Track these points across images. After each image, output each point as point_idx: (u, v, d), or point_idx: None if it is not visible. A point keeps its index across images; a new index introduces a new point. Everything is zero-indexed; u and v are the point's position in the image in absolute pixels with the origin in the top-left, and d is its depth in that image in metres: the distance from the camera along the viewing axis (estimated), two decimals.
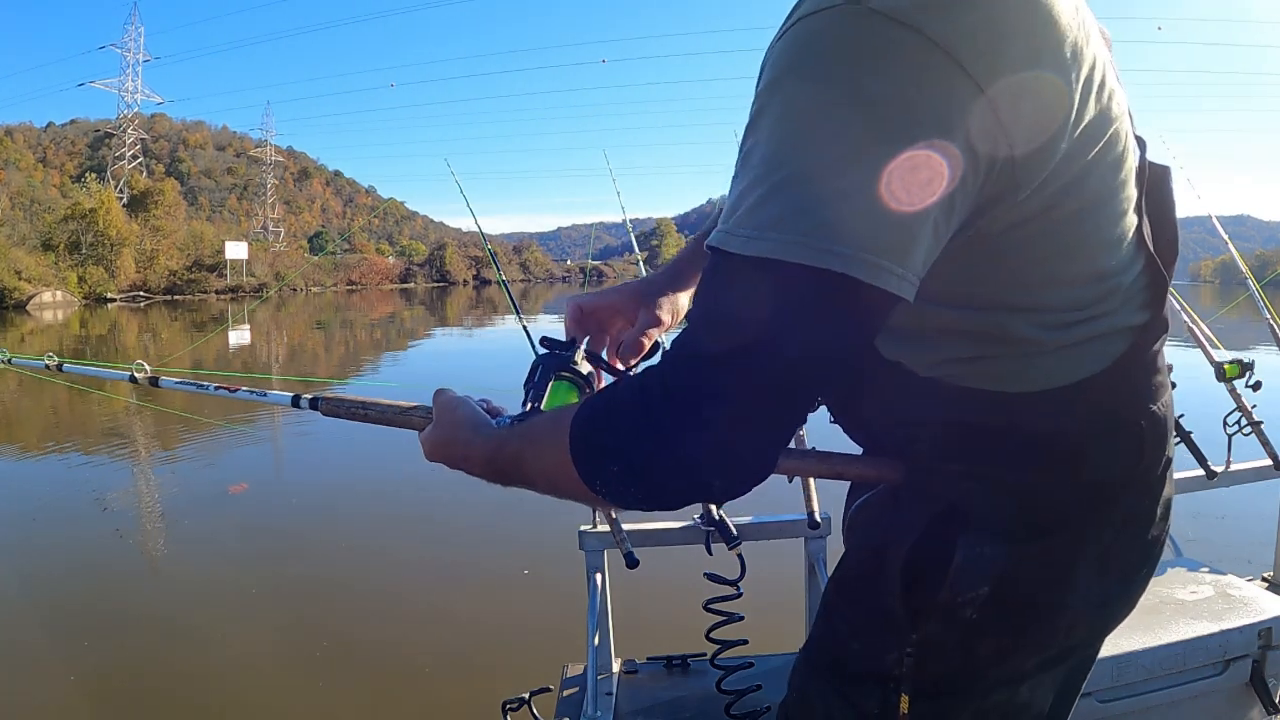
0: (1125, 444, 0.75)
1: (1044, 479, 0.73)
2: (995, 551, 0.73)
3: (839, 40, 0.58)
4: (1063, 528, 0.74)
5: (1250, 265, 2.85)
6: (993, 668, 0.76)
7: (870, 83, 0.56)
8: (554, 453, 0.69)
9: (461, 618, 3.78)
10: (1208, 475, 2.10)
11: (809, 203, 0.57)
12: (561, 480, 0.70)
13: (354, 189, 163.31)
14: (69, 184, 69.55)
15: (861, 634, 0.79)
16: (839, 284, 0.56)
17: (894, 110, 0.56)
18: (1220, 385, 2.18)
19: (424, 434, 0.88)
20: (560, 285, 78.62)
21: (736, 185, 0.62)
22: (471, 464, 0.81)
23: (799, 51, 0.59)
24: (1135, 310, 0.75)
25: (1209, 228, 2.89)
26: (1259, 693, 1.58)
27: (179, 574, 4.41)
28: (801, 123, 0.58)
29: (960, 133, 0.58)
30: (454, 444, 0.83)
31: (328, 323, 28.72)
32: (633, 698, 1.79)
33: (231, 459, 7.17)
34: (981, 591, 0.73)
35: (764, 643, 1.84)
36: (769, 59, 0.63)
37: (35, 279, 39.98)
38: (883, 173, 0.56)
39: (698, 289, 0.65)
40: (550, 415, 0.77)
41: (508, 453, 0.77)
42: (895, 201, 0.57)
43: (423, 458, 0.89)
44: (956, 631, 0.74)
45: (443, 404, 0.87)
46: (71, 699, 3.08)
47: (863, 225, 0.56)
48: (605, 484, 0.66)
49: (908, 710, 0.76)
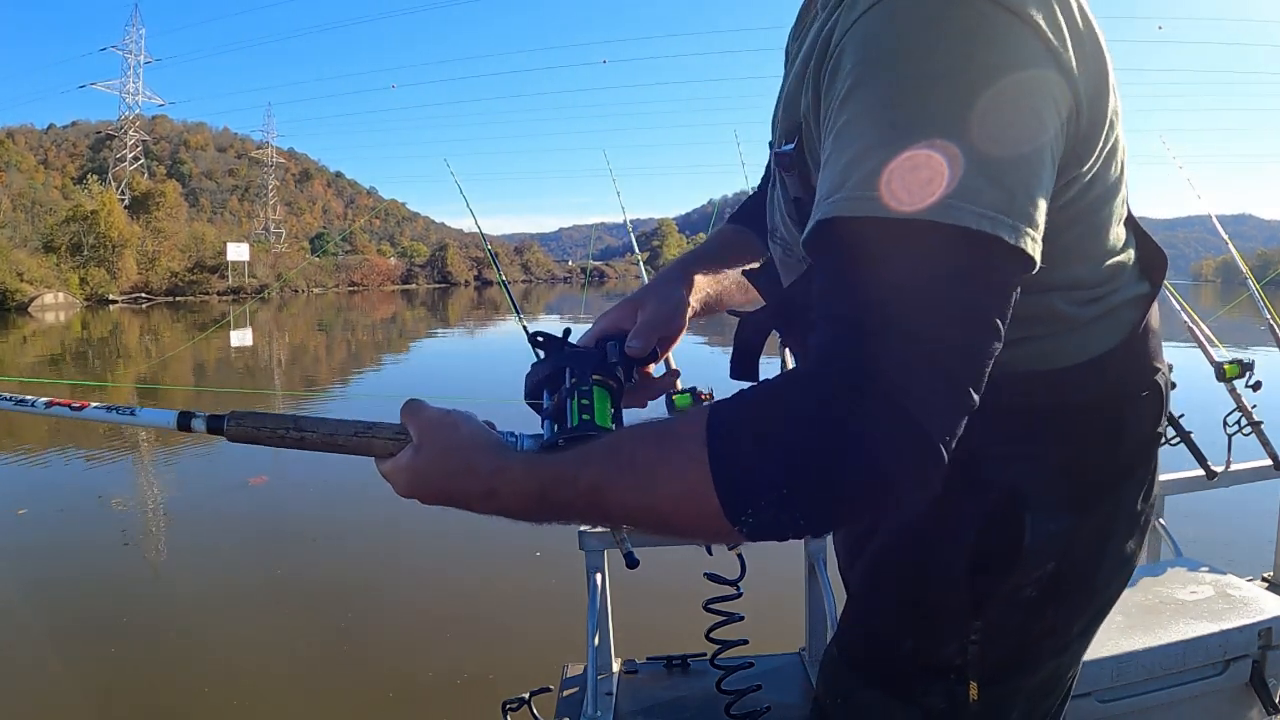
0: (1152, 403, 0.79)
1: (1090, 448, 0.76)
2: (1060, 526, 0.75)
3: (939, 15, 0.57)
4: (1109, 492, 0.78)
5: (1252, 264, 2.85)
6: (1046, 641, 0.79)
7: (979, 56, 0.57)
8: (676, 479, 0.58)
9: (462, 618, 3.78)
10: (1208, 475, 2.10)
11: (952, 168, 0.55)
12: (680, 513, 0.58)
13: (355, 190, 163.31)
14: (70, 186, 69.56)
15: (914, 632, 0.79)
16: (992, 246, 0.56)
17: (1006, 82, 0.57)
18: (1220, 385, 2.17)
19: (399, 462, 0.71)
20: (561, 286, 78.59)
21: (841, 154, 0.58)
22: (497, 500, 0.66)
23: (897, 27, 0.58)
24: (1138, 281, 0.79)
25: (1209, 227, 2.89)
26: (1259, 693, 1.57)
27: (179, 576, 4.42)
28: (919, 94, 0.57)
29: (1058, 108, 0.60)
30: (463, 474, 0.68)
31: (329, 324, 28.72)
32: (633, 698, 1.80)
33: (228, 460, 7.17)
34: (1048, 568, 0.75)
35: (764, 643, 1.84)
36: (850, 36, 0.61)
37: (37, 281, 39.98)
38: (1008, 142, 0.57)
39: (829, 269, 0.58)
40: (652, 433, 0.63)
41: (582, 483, 0.62)
42: (1021, 170, 0.57)
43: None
44: (1018, 612, 0.76)
45: (432, 422, 0.70)
46: (72, 700, 3.08)
47: (999, 192, 0.56)
48: (759, 512, 0.55)
49: (978, 696, 0.76)
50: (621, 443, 0.64)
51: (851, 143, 0.57)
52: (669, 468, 0.58)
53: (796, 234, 0.79)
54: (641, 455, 0.61)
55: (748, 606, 1.63)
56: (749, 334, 0.90)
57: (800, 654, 1.96)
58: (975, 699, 0.76)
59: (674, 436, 0.59)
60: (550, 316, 25.88)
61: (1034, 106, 0.58)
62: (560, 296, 49.67)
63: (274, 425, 0.75)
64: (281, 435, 0.75)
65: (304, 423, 0.75)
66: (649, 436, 0.62)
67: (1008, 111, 0.57)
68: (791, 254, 0.86)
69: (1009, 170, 0.56)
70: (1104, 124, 0.66)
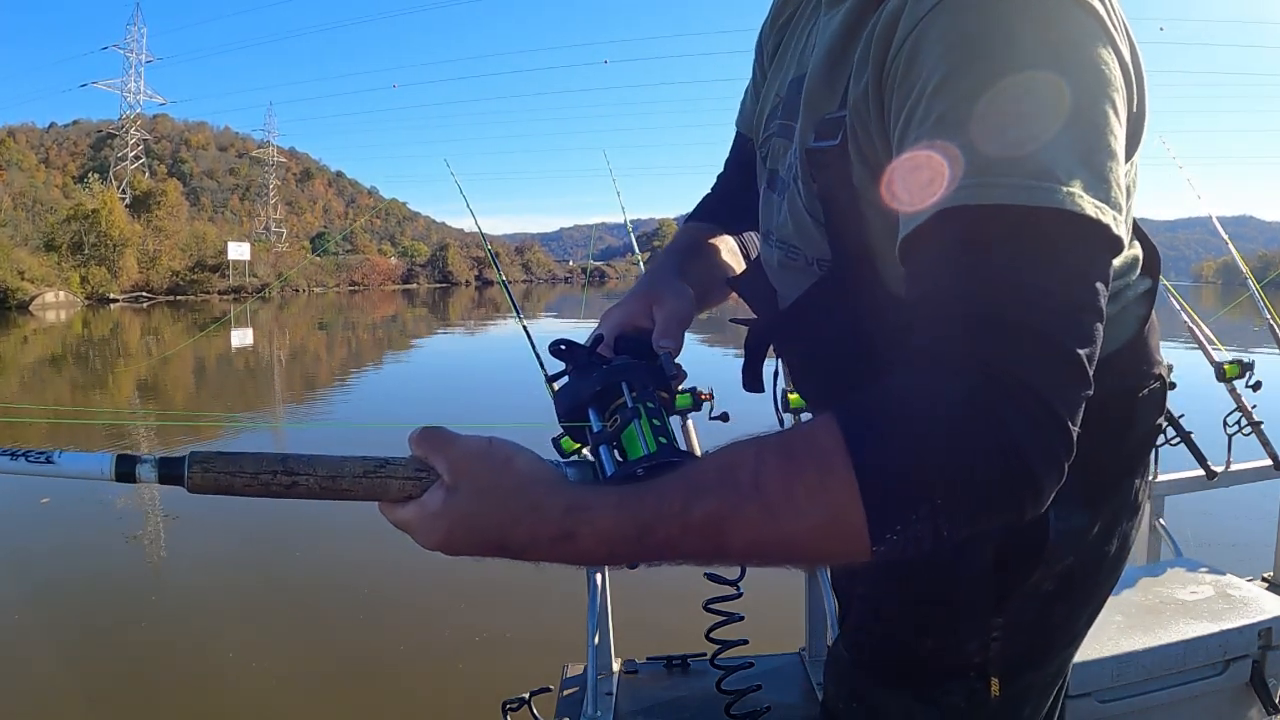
0: (1157, 396, 0.81)
1: (1106, 442, 0.76)
2: (1082, 521, 0.76)
3: (1028, 7, 0.58)
4: (1120, 485, 0.79)
5: (1253, 266, 2.84)
6: (1060, 633, 0.80)
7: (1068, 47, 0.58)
8: (817, 501, 0.52)
9: (462, 618, 3.78)
10: (1208, 475, 2.10)
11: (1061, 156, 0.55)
12: (819, 537, 0.53)
13: (356, 189, 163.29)
14: (71, 184, 69.59)
15: (933, 631, 0.79)
16: (1105, 237, 0.56)
17: (1091, 74, 0.59)
18: (1220, 385, 2.17)
19: (428, 508, 0.59)
20: (562, 285, 78.58)
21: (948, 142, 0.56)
22: (575, 543, 0.57)
23: (983, 16, 0.58)
24: (1143, 277, 0.80)
25: (1211, 229, 2.88)
26: (1259, 693, 1.57)
27: (180, 576, 4.42)
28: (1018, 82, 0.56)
29: (1124, 100, 0.61)
30: (529, 516, 0.57)
31: (330, 324, 28.73)
32: (633, 698, 1.79)
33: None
34: (1068, 562, 0.76)
35: (764, 643, 1.84)
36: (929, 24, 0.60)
37: (38, 279, 40.00)
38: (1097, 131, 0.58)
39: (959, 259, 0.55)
40: (771, 450, 0.55)
41: (695, 516, 0.54)
42: (1110, 160, 0.58)
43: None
44: (1036, 607, 0.77)
45: (472, 456, 0.59)
46: (73, 701, 3.08)
47: (1097, 181, 0.57)
48: (907, 527, 0.51)
49: (999, 692, 0.77)
50: (737, 467, 0.55)
51: (957, 131, 0.56)
52: (807, 489, 0.52)
53: (817, 234, 0.79)
54: (768, 478, 0.53)
55: (748, 606, 1.62)
56: (757, 344, 0.91)
57: (800, 654, 1.96)
58: (997, 695, 0.77)
59: (808, 453, 0.53)
60: (550, 316, 25.88)
61: (1113, 98, 0.59)
62: (561, 296, 49.69)
63: (254, 468, 0.60)
64: (265, 482, 0.60)
65: (294, 463, 0.60)
66: (769, 455, 0.55)
67: (1098, 103, 0.58)
68: (797, 256, 0.84)
69: (1105, 160, 0.57)
70: (1144, 120, 0.68)
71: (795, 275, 0.85)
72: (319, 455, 0.61)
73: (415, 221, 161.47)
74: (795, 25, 0.91)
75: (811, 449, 0.53)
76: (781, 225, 0.86)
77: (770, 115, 0.92)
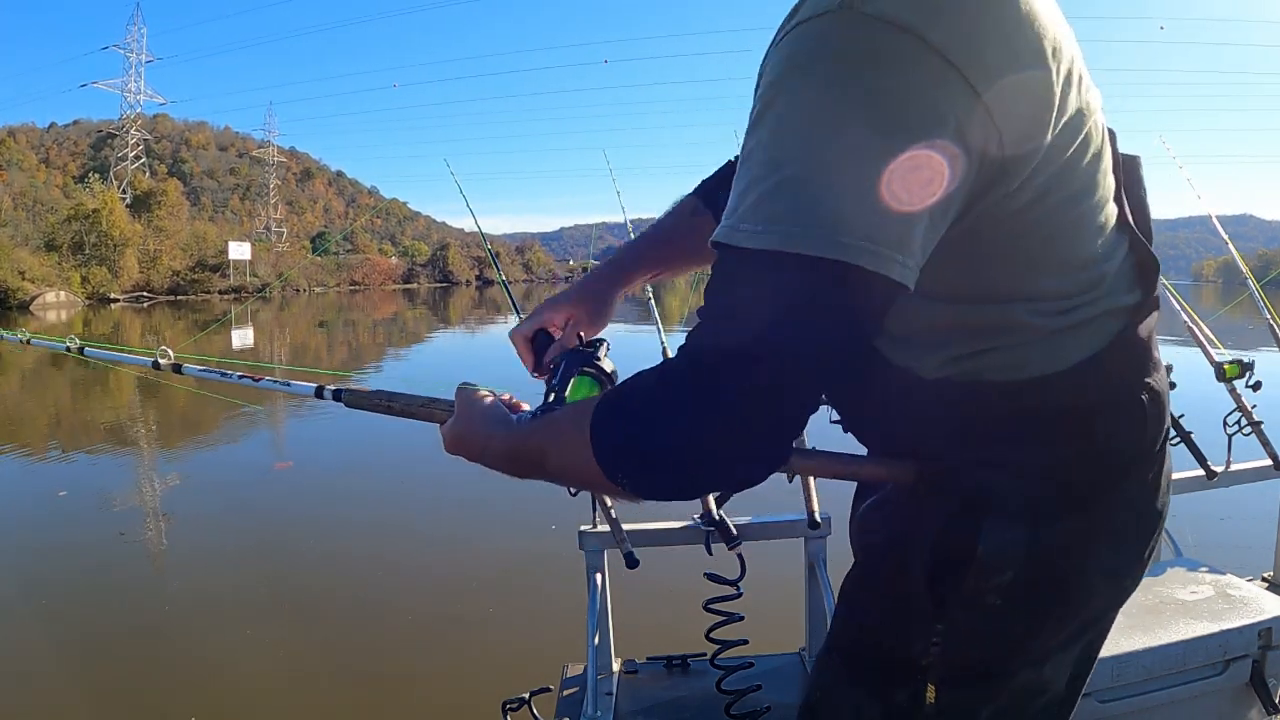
0: (1131, 417, 0.77)
1: (1059, 459, 0.75)
2: (1018, 536, 0.74)
3: (839, 43, 0.60)
4: (1080, 505, 0.76)
5: (1253, 265, 2.84)
6: (1018, 651, 0.78)
7: (870, 84, 0.59)
8: (576, 446, 0.70)
9: (462, 618, 3.78)
10: (1208, 475, 2.10)
11: (811, 197, 0.59)
12: (583, 472, 0.71)
13: (356, 189, 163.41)
14: (72, 184, 69.66)
15: (886, 628, 0.80)
16: (844, 273, 0.59)
17: (893, 110, 0.59)
18: (1220, 385, 2.17)
19: (445, 427, 0.90)
20: (563, 285, 77.70)
21: (739, 183, 0.64)
22: (492, 457, 0.83)
23: (799, 54, 0.62)
24: (1125, 291, 0.78)
25: (1211, 228, 2.88)
26: (1259, 693, 1.58)
27: (179, 576, 4.42)
28: (803, 122, 0.61)
29: (955, 131, 0.60)
30: (475, 437, 0.85)
31: (331, 323, 28.74)
32: (633, 698, 1.80)
33: (220, 458, 7.19)
34: (1006, 577, 0.74)
35: (764, 643, 1.84)
36: (768, 62, 0.66)
37: (39, 279, 40.05)
38: (883, 169, 0.58)
39: (708, 284, 0.66)
40: (572, 409, 0.77)
41: (531, 446, 0.78)
42: (894, 197, 0.59)
43: (442, 450, 0.91)
44: (981, 618, 0.76)
45: (465, 398, 0.89)
46: (73, 702, 3.09)
47: (864, 217, 0.59)
48: (627, 475, 0.67)
49: (934, 699, 0.77)
50: (557, 417, 0.79)
51: (743, 172, 0.64)
52: (571, 436, 0.70)
53: None
54: (560, 425, 0.76)
55: (748, 606, 1.63)
56: None
57: (800, 654, 1.96)
58: (931, 701, 0.77)
59: (581, 413, 0.71)
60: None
61: (918, 128, 0.59)
62: None
63: (373, 398, 1.05)
64: (378, 404, 1.05)
65: (393, 396, 1.04)
66: (570, 412, 0.76)
67: (886, 136, 0.59)
68: None
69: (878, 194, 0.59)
70: (1047, 134, 0.65)
71: None
72: (403, 393, 1.03)
73: (415, 221, 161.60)
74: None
75: (582, 413, 0.70)
76: None
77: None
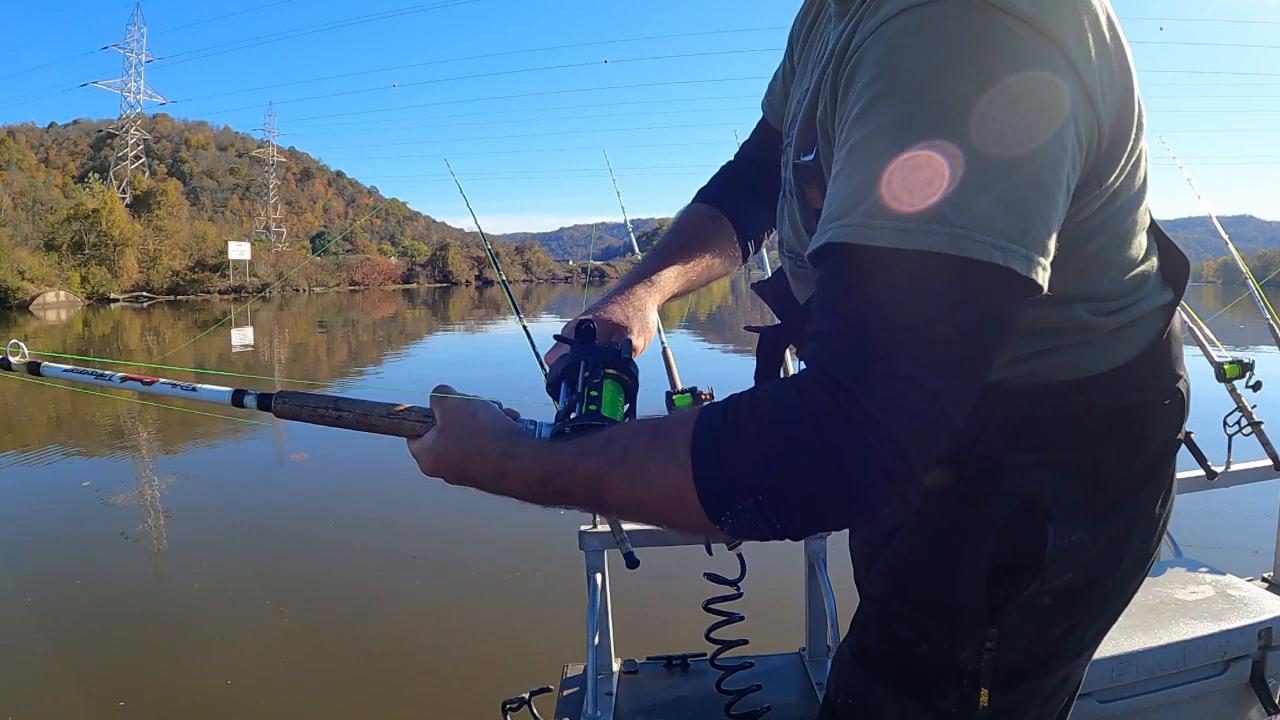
0: (1169, 413, 0.79)
1: (1113, 456, 0.76)
2: (1082, 537, 0.75)
3: (963, 32, 0.57)
4: (1127, 502, 0.78)
5: (1253, 266, 2.84)
6: (1061, 647, 0.80)
7: (1002, 76, 0.56)
8: (662, 477, 0.60)
9: (462, 618, 3.78)
10: (1208, 475, 2.10)
11: (962, 195, 0.55)
12: (666, 508, 0.60)
13: (356, 189, 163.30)
14: (71, 184, 69.60)
15: (931, 636, 0.79)
16: (1004, 279, 0.56)
17: (1032, 107, 0.57)
18: (1220, 385, 2.17)
19: (424, 443, 0.75)
20: (562, 285, 78.57)
21: (853, 175, 0.58)
22: (512, 482, 0.70)
23: (919, 41, 0.57)
24: (1161, 290, 0.79)
25: (1210, 229, 2.88)
26: (1259, 693, 1.57)
27: (179, 575, 4.42)
28: (939, 115, 0.56)
29: (1076, 132, 0.59)
30: (477, 456, 0.72)
31: (330, 323, 28.73)
32: (633, 698, 1.79)
33: (221, 457, 7.19)
34: (1067, 578, 0.75)
35: (764, 643, 1.84)
36: (869, 47, 0.60)
37: (38, 279, 40.00)
38: (1028, 169, 0.56)
39: (827, 293, 0.59)
40: (645, 430, 0.64)
41: (580, 473, 0.65)
42: (1036, 196, 0.57)
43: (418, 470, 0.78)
44: (1034, 619, 0.77)
45: (454, 407, 0.75)
46: (74, 703, 3.09)
47: (1013, 219, 0.56)
48: (738, 515, 0.57)
49: (987, 703, 0.77)
50: (618, 437, 0.65)
51: (865, 164, 0.57)
52: (656, 465, 0.60)
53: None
54: (633, 451, 0.63)
55: (748, 606, 1.63)
56: (770, 349, 0.92)
57: (800, 654, 1.96)
58: (985, 705, 0.77)
59: (664, 435, 0.61)
60: (550, 317, 25.87)
61: (1053, 127, 0.57)
62: (561, 296, 49.68)
63: (315, 404, 0.83)
64: (321, 414, 0.83)
65: (341, 403, 0.82)
66: (642, 433, 0.64)
67: (1026, 134, 0.56)
68: (804, 265, 0.85)
69: (1024, 196, 0.56)
70: (1129, 137, 0.66)
71: (803, 283, 0.87)
72: (358, 398, 0.82)
73: (415, 221, 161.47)
74: (816, 30, 0.91)
75: (669, 436, 0.60)
76: (787, 235, 0.89)
77: (790, 124, 0.92)
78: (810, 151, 0.74)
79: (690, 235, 1.07)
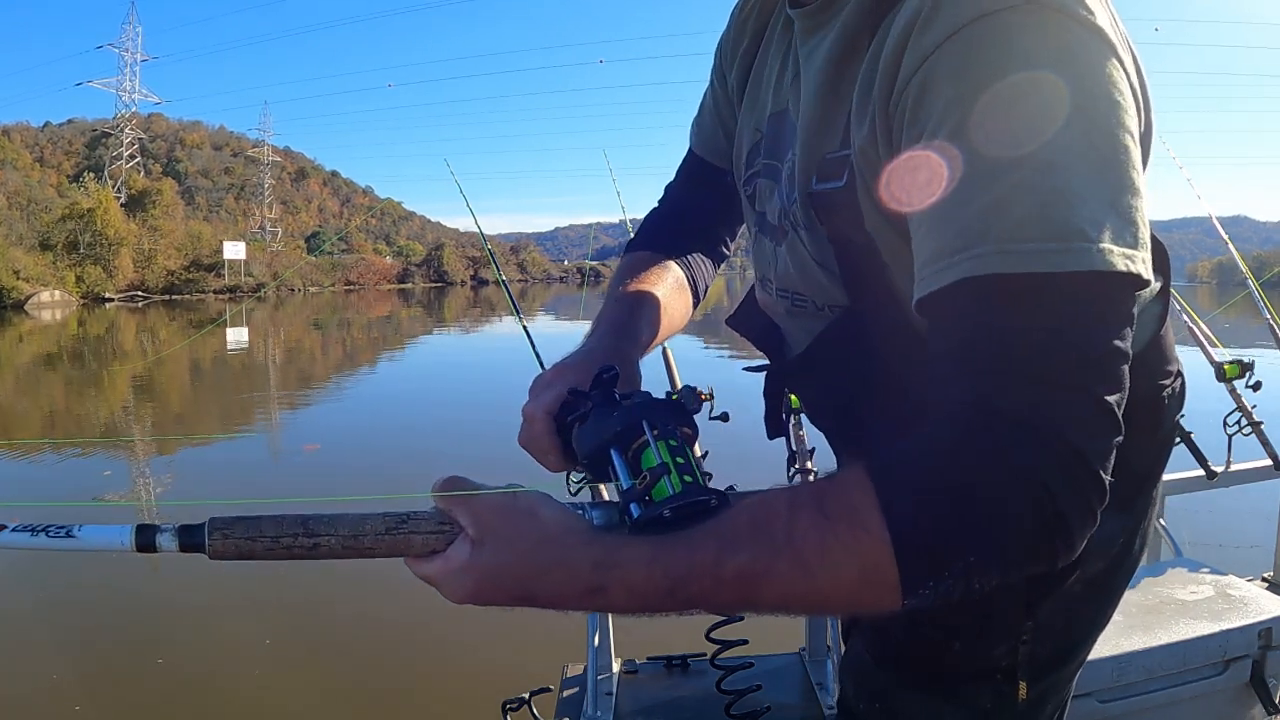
0: (1179, 393, 0.82)
1: (1135, 442, 0.75)
2: (1115, 523, 0.76)
3: (1044, 40, 0.55)
4: (1145, 485, 0.80)
5: (1249, 266, 2.84)
6: (1084, 633, 0.81)
7: (1088, 84, 0.56)
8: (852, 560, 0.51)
9: (462, 617, 3.76)
10: (1208, 475, 2.10)
11: (1092, 209, 0.54)
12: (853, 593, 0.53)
13: (351, 189, 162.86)
14: (66, 183, 69.45)
15: (961, 635, 0.79)
16: (1134, 284, 0.56)
17: (1109, 110, 0.56)
18: (1220, 385, 2.18)
19: (453, 562, 0.58)
20: (558, 285, 78.51)
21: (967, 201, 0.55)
22: (604, 596, 0.56)
23: (1003, 53, 0.55)
24: (1157, 276, 0.79)
25: (1206, 228, 2.89)
26: (1259, 693, 1.57)
27: (178, 574, 4.40)
28: (1038, 129, 0.54)
29: (1137, 128, 0.59)
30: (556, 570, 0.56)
31: (325, 323, 28.67)
32: (633, 698, 1.79)
33: (220, 456, 7.16)
34: (1099, 566, 0.77)
35: (764, 643, 1.83)
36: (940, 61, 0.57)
37: (33, 278, 39.89)
38: (1120, 170, 0.56)
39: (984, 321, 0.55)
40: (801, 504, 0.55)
41: (728, 572, 0.53)
42: (1134, 199, 0.56)
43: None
44: (1065, 608, 0.78)
45: (496, 510, 0.57)
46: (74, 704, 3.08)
47: (1127, 225, 0.55)
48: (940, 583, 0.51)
49: (1025, 695, 0.78)
50: (771, 520, 0.54)
51: (977, 189, 0.54)
52: (842, 547, 0.52)
53: (825, 281, 0.76)
54: (802, 534, 0.53)
55: None
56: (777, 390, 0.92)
57: (800, 654, 1.96)
58: (1024, 698, 0.78)
59: (842, 510, 0.52)
60: (547, 317, 25.85)
61: (1129, 126, 0.57)
62: (556, 297, 49.68)
63: (275, 531, 0.58)
64: (288, 545, 0.58)
65: (315, 524, 0.59)
66: (804, 510, 0.54)
67: (1114, 138, 0.56)
68: (805, 303, 0.81)
69: (1129, 199, 0.56)
70: (1152, 126, 0.67)
71: (805, 320, 0.83)
72: (340, 514, 0.60)
73: (410, 221, 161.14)
74: (763, 55, 0.87)
75: (846, 506, 0.52)
76: (783, 274, 0.83)
77: (751, 153, 0.88)
78: (838, 178, 0.69)
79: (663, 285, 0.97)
